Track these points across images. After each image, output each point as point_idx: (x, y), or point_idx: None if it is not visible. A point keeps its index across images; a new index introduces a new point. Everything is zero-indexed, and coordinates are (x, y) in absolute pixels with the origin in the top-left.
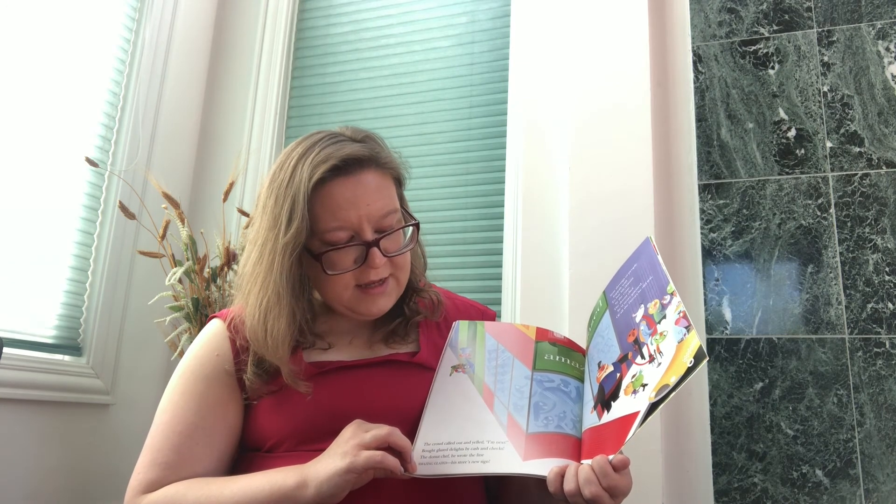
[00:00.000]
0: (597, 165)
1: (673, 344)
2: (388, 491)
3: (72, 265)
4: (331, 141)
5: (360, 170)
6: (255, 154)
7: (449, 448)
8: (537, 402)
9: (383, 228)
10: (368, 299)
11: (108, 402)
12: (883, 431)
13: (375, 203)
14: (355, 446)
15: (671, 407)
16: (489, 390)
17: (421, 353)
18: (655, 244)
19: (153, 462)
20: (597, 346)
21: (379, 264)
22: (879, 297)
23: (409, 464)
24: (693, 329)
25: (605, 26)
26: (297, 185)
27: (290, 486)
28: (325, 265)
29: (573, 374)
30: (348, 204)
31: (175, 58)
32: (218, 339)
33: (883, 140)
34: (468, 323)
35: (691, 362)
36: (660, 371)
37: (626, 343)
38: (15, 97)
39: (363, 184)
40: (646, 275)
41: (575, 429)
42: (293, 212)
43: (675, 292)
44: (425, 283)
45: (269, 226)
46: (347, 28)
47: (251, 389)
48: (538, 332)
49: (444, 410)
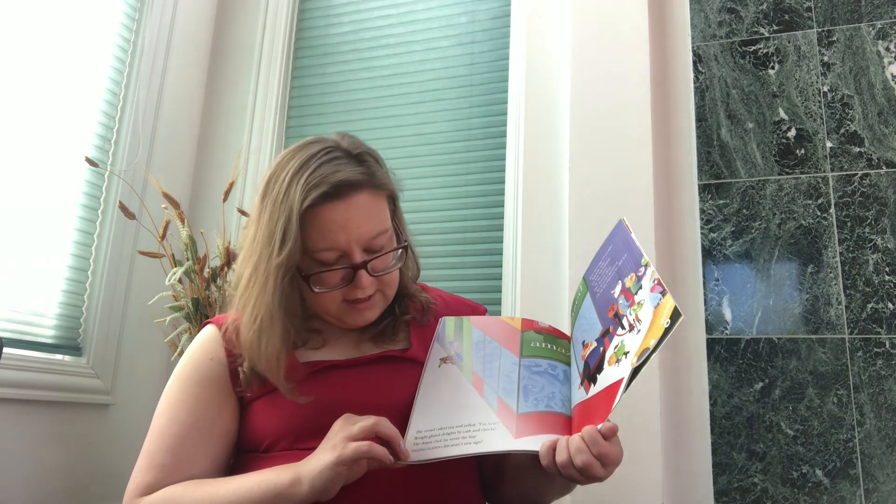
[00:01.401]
0: (597, 165)
1: (650, 310)
2: (383, 482)
3: (72, 265)
4: (326, 158)
5: (352, 192)
6: (255, 154)
7: (441, 433)
8: (526, 385)
9: (373, 249)
10: (355, 312)
11: (107, 402)
12: (883, 431)
13: (366, 226)
14: (343, 439)
15: (671, 407)
16: (478, 378)
17: (413, 348)
18: (629, 224)
19: (150, 465)
20: (580, 328)
21: (366, 285)
22: (879, 297)
23: (399, 452)
24: (668, 293)
25: (605, 26)
26: (289, 206)
27: (284, 484)
28: (312, 284)
29: (560, 358)
30: (338, 227)
31: (175, 58)
32: (213, 344)
33: (883, 140)
34: (454, 318)
35: (668, 323)
36: (640, 337)
37: (607, 318)
38: (15, 97)
39: (354, 206)
40: (621, 253)
41: (564, 407)
42: (286, 233)
43: (648, 263)
44: (416, 288)
45: (264, 242)
46: (347, 28)
47: (246, 388)
48: (523, 323)
49: (434, 400)
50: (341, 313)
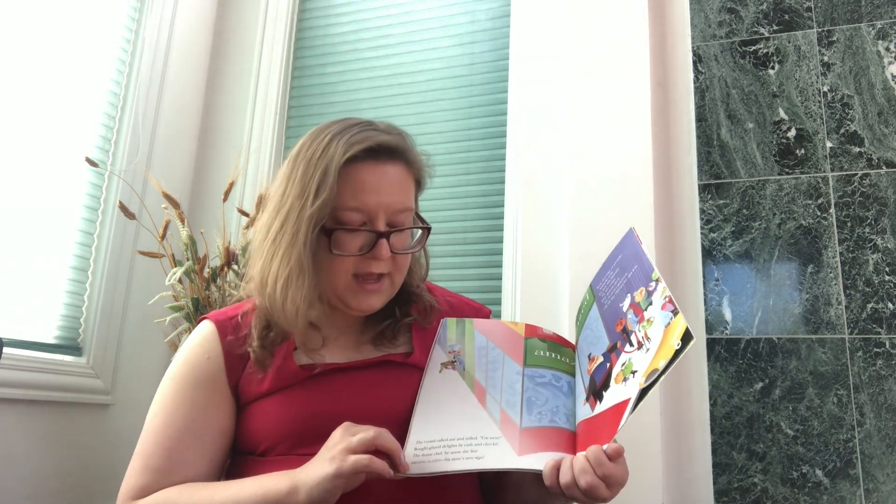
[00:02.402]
0: (597, 165)
1: (660, 329)
2: (381, 492)
3: (72, 265)
4: (367, 126)
5: (389, 160)
6: (255, 154)
7: (442, 445)
8: (530, 398)
9: (396, 223)
10: (362, 294)
11: (107, 402)
12: (883, 431)
13: (395, 196)
14: (342, 451)
15: (671, 407)
16: (480, 387)
17: (415, 354)
18: (639, 235)
19: (144, 467)
20: (586, 339)
21: (384, 256)
22: (879, 297)
23: (398, 465)
24: (679, 312)
25: (605, 26)
26: (329, 158)
27: (281, 492)
28: (332, 243)
29: (564, 369)
30: (371, 189)
31: (175, 58)
32: (209, 342)
33: (883, 140)
34: (456, 320)
35: (678, 344)
36: (648, 356)
37: (615, 333)
38: (15, 97)
39: (389, 174)
40: (630, 265)
41: (569, 422)
42: (322, 183)
43: (660, 279)
44: (421, 289)
45: (297, 194)
46: (347, 28)
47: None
48: (527, 329)
49: (434, 408)
50: (348, 293)
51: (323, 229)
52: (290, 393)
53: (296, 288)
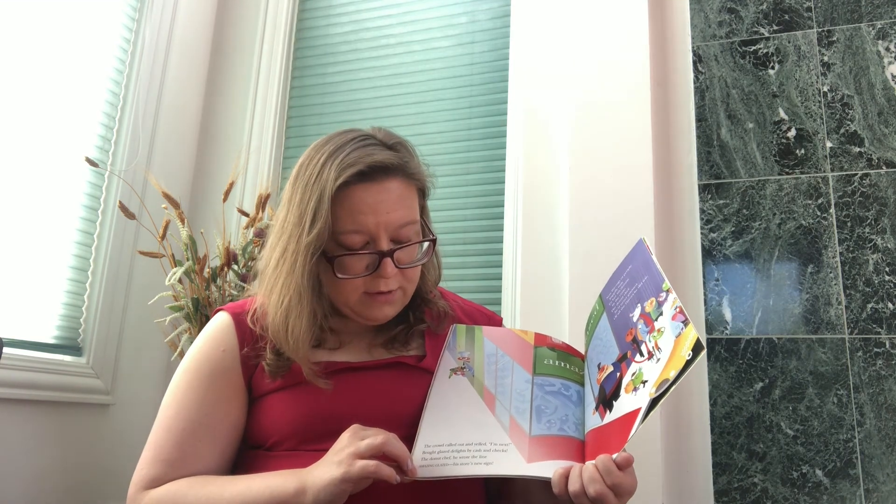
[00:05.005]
0: (597, 165)
1: (671, 339)
2: (388, 495)
3: (72, 265)
4: (361, 143)
5: (385, 177)
6: (255, 154)
7: (450, 449)
8: (539, 406)
9: (400, 239)
10: (375, 306)
11: (108, 402)
12: (883, 431)
13: (395, 212)
14: (350, 455)
15: (671, 407)
16: (490, 393)
17: (427, 358)
18: (649, 245)
19: (156, 458)
20: (595, 349)
21: (390, 275)
22: (879, 297)
23: (406, 470)
24: (690, 323)
25: (605, 26)
26: (322, 184)
27: (289, 492)
28: (336, 268)
29: (573, 378)
30: (368, 209)
31: (175, 58)
32: (224, 334)
33: (883, 140)
34: (466, 327)
35: (689, 355)
36: (659, 367)
37: (625, 342)
38: (15, 97)
39: (386, 191)
40: (641, 275)
41: (578, 431)
42: (317, 212)
43: (670, 289)
44: (435, 294)
45: (295, 222)
46: (347, 28)
47: (274, 375)
48: (536, 338)
49: (443, 412)
50: (360, 306)
51: (324, 254)
52: (301, 389)
53: (296, 317)
